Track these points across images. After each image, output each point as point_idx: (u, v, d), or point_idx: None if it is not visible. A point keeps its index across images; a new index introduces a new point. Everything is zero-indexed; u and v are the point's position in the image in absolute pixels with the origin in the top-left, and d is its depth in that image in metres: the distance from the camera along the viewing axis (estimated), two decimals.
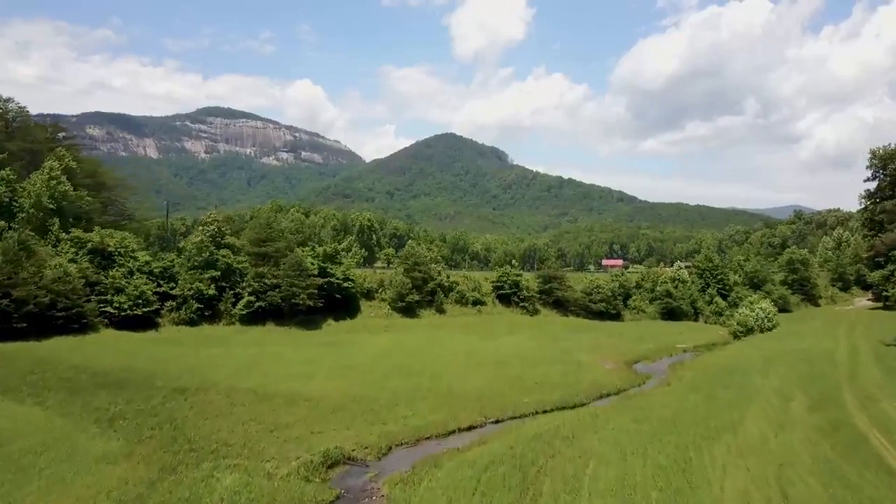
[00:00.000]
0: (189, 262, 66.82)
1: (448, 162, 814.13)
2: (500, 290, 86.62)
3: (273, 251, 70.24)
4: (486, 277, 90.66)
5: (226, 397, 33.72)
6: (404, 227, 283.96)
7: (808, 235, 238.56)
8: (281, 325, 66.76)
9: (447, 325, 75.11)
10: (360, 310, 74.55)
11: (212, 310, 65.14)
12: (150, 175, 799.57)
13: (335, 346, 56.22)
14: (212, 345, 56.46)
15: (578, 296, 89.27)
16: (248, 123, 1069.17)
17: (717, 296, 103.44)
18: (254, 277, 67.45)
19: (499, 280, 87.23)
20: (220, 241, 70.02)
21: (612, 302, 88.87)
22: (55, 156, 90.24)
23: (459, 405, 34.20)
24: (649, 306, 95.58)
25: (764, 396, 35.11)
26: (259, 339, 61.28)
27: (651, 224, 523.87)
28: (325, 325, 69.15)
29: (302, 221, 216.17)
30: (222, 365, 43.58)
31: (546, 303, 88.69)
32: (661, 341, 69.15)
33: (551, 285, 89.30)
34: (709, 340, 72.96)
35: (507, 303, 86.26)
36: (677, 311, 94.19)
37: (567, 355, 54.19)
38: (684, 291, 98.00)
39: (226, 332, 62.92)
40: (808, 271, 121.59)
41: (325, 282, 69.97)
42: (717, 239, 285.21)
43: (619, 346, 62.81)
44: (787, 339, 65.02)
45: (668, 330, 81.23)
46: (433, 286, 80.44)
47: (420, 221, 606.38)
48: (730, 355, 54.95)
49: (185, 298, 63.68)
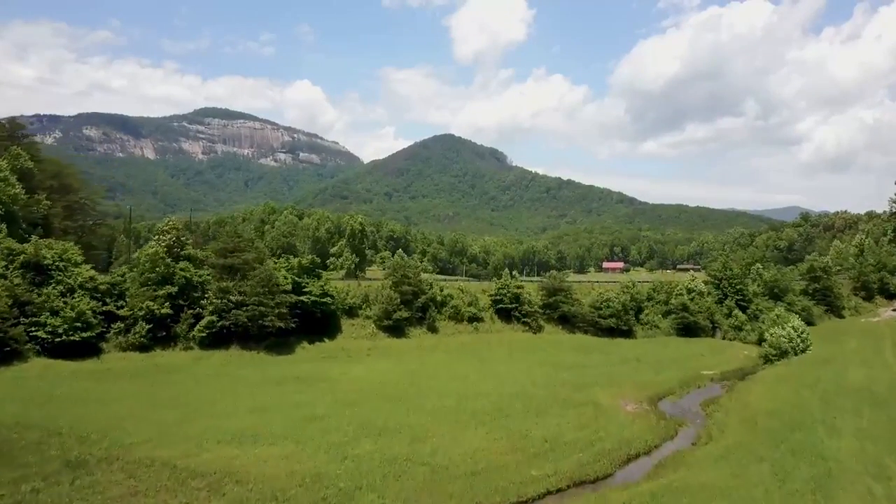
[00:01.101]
0: (142, 277, 58.00)
1: (446, 163, 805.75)
2: (499, 305, 77.83)
3: (240, 263, 61.43)
4: (483, 289, 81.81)
5: (129, 477, 24.93)
6: (401, 230, 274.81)
7: (816, 238, 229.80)
8: (247, 348, 57.98)
9: (440, 347, 66.31)
10: (341, 330, 65.72)
11: (166, 332, 56.30)
12: (146, 176, 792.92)
13: (303, 380, 47.38)
14: (159, 377, 47.78)
15: (586, 310, 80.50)
16: (245, 124, 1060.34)
17: (736, 308, 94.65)
18: (217, 294, 58.68)
19: (498, 293, 78.42)
20: (180, 252, 61.24)
21: (623, 317, 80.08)
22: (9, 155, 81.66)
23: (445, 488, 25.40)
24: (663, 321, 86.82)
25: (853, 472, 26.44)
26: (218, 367, 52.53)
27: (651, 226, 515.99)
28: (299, 348, 60.34)
29: (295, 224, 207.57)
30: (151, 415, 34.76)
31: (550, 318, 79.89)
32: (684, 367, 60.42)
33: (556, 298, 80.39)
34: (736, 365, 64.26)
35: (508, 318, 77.47)
36: (694, 326, 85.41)
37: (580, 392, 45.39)
38: (701, 304, 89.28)
39: (181, 358, 54.12)
40: (830, 280, 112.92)
41: (300, 299, 61.20)
42: (721, 242, 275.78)
43: (638, 377, 54.04)
44: (831, 366, 56.30)
45: (687, 350, 72.51)
46: (424, 301, 71.70)
47: (418, 223, 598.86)
48: (772, 392, 46.17)
49: (135, 319, 54.92)
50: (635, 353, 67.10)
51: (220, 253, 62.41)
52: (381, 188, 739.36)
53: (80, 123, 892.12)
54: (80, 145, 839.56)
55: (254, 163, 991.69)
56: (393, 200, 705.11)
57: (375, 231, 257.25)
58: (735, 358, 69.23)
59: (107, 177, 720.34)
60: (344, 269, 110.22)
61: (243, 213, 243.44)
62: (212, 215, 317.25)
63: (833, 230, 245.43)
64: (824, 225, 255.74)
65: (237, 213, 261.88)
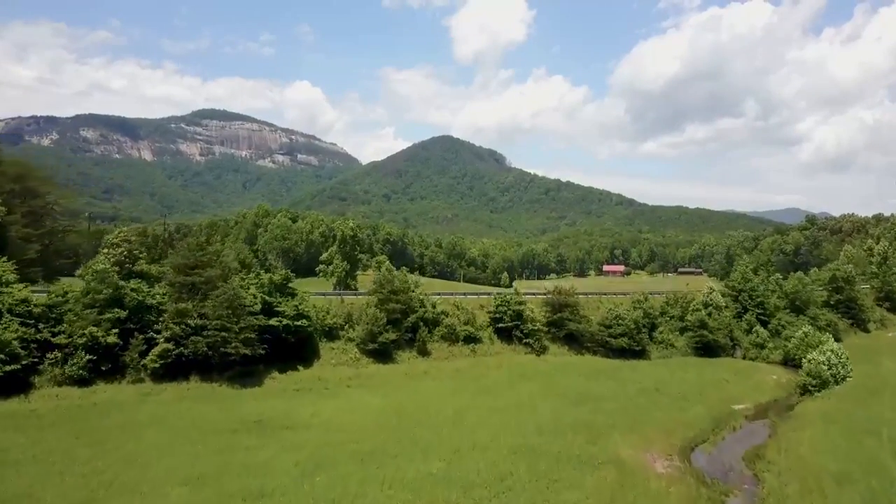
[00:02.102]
0: (86, 298, 50.08)
1: (445, 164, 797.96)
2: (498, 324, 70.02)
3: (202, 281, 53.52)
4: (481, 304, 73.93)
5: None
6: (398, 233, 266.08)
7: (823, 242, 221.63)
8: (207, 379, 50.09)
9: (431, 374, 58.41)
10: (319, 355, 57.78)
11: (113, 362, 48.37)
12: (144, 178, 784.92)
13: (265, 427, 39.51)
14: (92, 422, 39.93)
15: (595, 329, 72.75)
16: (243, 125, 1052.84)
17: (757, 323, 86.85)
18: (173, 317, 50.79)
19: (497, 310, 70.57)
20: (132, 267, 53.38)
21: (636, 336, 72.34)
22: None
23: None
24: (679, 339, 79.00)
25: None
26: (168, 405, 44.61)
27: (651, 227, 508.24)
28: (269, 378, 52.39)
29: (288, 227, 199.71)
30: (56, 488, 26.91)
31: (555, 337, 72.01)
32: (710, 400, 52.64)
33: (562, 315, 72.32)
34: (769, 396, 56.57)
35: (508, 338, 69.60)
36: (713, 345, 77.65)
37: (597, 443, 37.51)
38: (720, 320, 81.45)
39: (126, 394, 46.20)
40: (853, 290, 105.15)
41: (270, 323, 53.32)
42: (724, 245, 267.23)
43: (661, 414, 46.25)
44: (881, 399, 48.53)
45: (710, 375, 64.71)
46: (414, 320, 63.81)
47: (417, 224, 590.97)
48: (828, 440, 38.42)
49: (75, 348, 47.02)
50: (653, 380, 59.25)
51: (179, 269, 54.43)
52: (379, 189, 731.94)
53: (78, 125, 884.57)
54: (77, 147, 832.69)
55: (252, 164, 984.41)
56: (391, 202, 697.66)
57: (372, 234, 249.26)
58: (764, 385, 61.45)
59: (104, 178, 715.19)
60: (334, 276, 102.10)
61: (236, 216, 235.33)
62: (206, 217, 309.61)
63: (840, 234, 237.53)
64: (831, 228, 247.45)
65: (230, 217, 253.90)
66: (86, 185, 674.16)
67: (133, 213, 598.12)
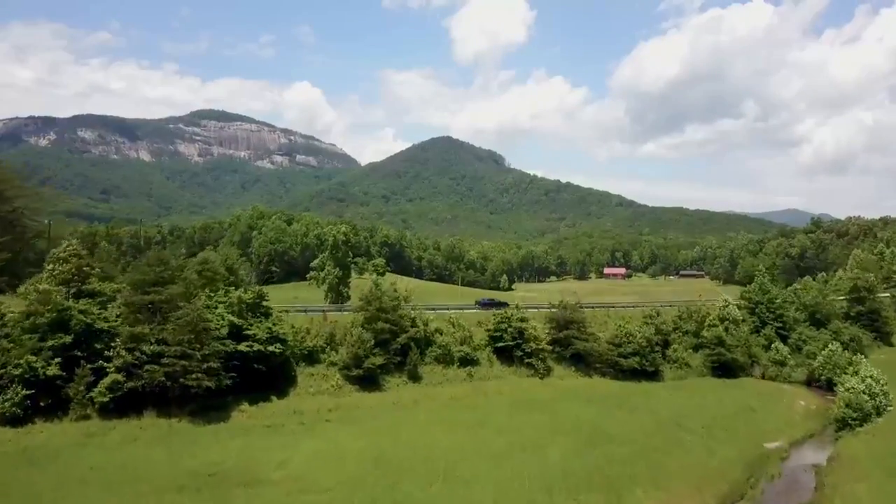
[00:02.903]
0: (27, 322, 43.75)
1: (445, 166, 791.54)
2: (498, 342, 63.22)
3: (162, 300, 47.16)
4: (479, 321, 67.42)
5: None
6: (396, 235, 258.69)
7: (829, 245, 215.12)
8: (165, 414, 43.72)
9: (423, 403, 51.99)
10: (296, 382, 51.40)
11: (54, 396, 42.01)
12: (141, 179, 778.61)
13: (219, 482, 33.21)
14: (20, 472, 33.64)
15: (604, 348, 65.43)
16: (242, 126, 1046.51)
17: (777, 338, 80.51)
18: (127, 342, 44.45)
19: (497, 328, 63.92)
20: (81, 286, 47.07)
21: (649, 356, 66.04)
22: None
23: None
24: (693, 356, 72.54)
25: None
26: (113, 450, 38.27)
27: (652, 229, 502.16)
28: (237, 411, 45.99)
29: (283, 230, 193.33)
30: None
31: (561, 357, 65.26)
32: (738, 436, 46.44)
33: (568, 333, 65.50)
34: (803, 429, 50.38)
35: (509, 359, 62.54)
36: (732, 364, 71.34)
37: None
38: (738, 336, 75.14)
39: (67, 435, 39.81)
40: (875, 300, 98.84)
41: (239, 349, 46.98)
42: (728, 248, 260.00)
43: (687, 459, 40.01)
44: None
45: (732, 401, 58.47)
46: (405, 340, 57.37)
47: (415, 226, 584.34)
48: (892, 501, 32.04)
49: (10, 381, 40.68)
50: (670, 410, 52.93)
51: (136, 286, 48.05)
52: (378, 191, 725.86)
53: (76, 125, 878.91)
54: (74, 148, 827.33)
55: (250, 165, 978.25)
56: (390, 203, 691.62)
57: (369, 237, 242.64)
58: (794, 414, 55.19)
59: (101, 179, 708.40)
60: (326, 283, 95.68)
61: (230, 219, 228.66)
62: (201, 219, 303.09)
63: (847, 237, 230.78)
64: (837, 231, 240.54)
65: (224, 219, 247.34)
66: (83, 187, 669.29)
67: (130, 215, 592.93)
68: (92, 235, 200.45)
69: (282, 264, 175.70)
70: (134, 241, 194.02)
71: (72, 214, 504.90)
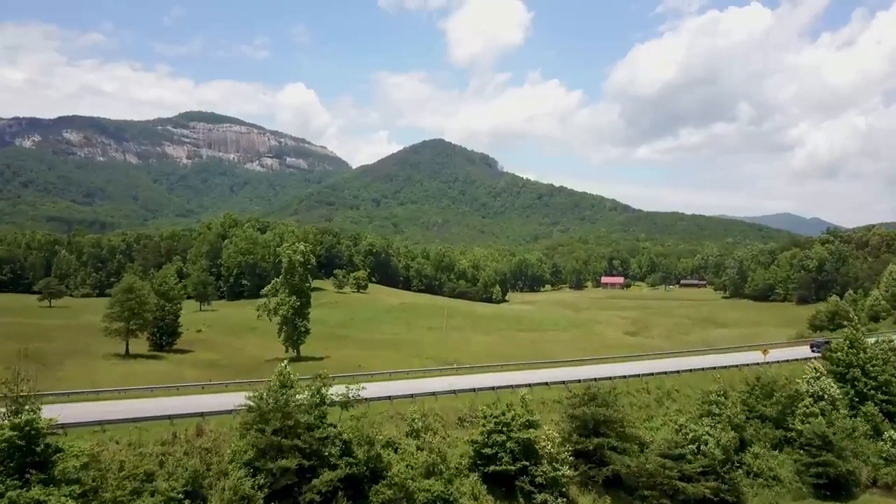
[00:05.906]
0: None
1: (436, 169, 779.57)
2: (489, 465, 39.50)
3: None
4: (459, 418, 45.07)
5: None
6: (381, 243, 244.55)
7: (849, 257, 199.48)
8: None
9: None
10: None
11: None
12: (128, 181, 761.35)
13: None
14: None
15: (654, 465, 42.59)
16: (231, 128, 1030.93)
17: (884, 419, 57.13)
18: None
19: (487, 441, 39.88)
20: None
21: (725, 476, 43.51)
22: None
23: None
24: (784, 461, 49.80)
25: None
26: None
27: (647, 234, 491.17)
28: None
29: (254, 240, 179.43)
30: None
31: (588, 480, 43.10)
32: None
33: (599, 441, 43.36)
34: None
35: (508, 495, 40.14)
36: (845, 480, 48.42)
37: None
38: (843, 428, 52.57)
39: None
40: None
41: None
42: (735, 259, 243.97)
43: None
44: None
45: None
46: (329, 482, 32.76)
47: (406, 230, 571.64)
48: None
49: None
50: None
51: None
52: (368, 194, 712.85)
53: (61, 127, 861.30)
54: (59, 149, 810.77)
55: (240, 168, 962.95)
56: (381, 206, 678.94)
57: (352, 245, 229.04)
58: None
59: (86, 182, 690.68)
60: (279, 315, 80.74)
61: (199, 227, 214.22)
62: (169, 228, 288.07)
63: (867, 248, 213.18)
64: (857, 242, 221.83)
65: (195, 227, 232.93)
66: (66, 189, 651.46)
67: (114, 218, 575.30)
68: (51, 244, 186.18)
69: (252, 277, 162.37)
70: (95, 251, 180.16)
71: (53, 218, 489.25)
